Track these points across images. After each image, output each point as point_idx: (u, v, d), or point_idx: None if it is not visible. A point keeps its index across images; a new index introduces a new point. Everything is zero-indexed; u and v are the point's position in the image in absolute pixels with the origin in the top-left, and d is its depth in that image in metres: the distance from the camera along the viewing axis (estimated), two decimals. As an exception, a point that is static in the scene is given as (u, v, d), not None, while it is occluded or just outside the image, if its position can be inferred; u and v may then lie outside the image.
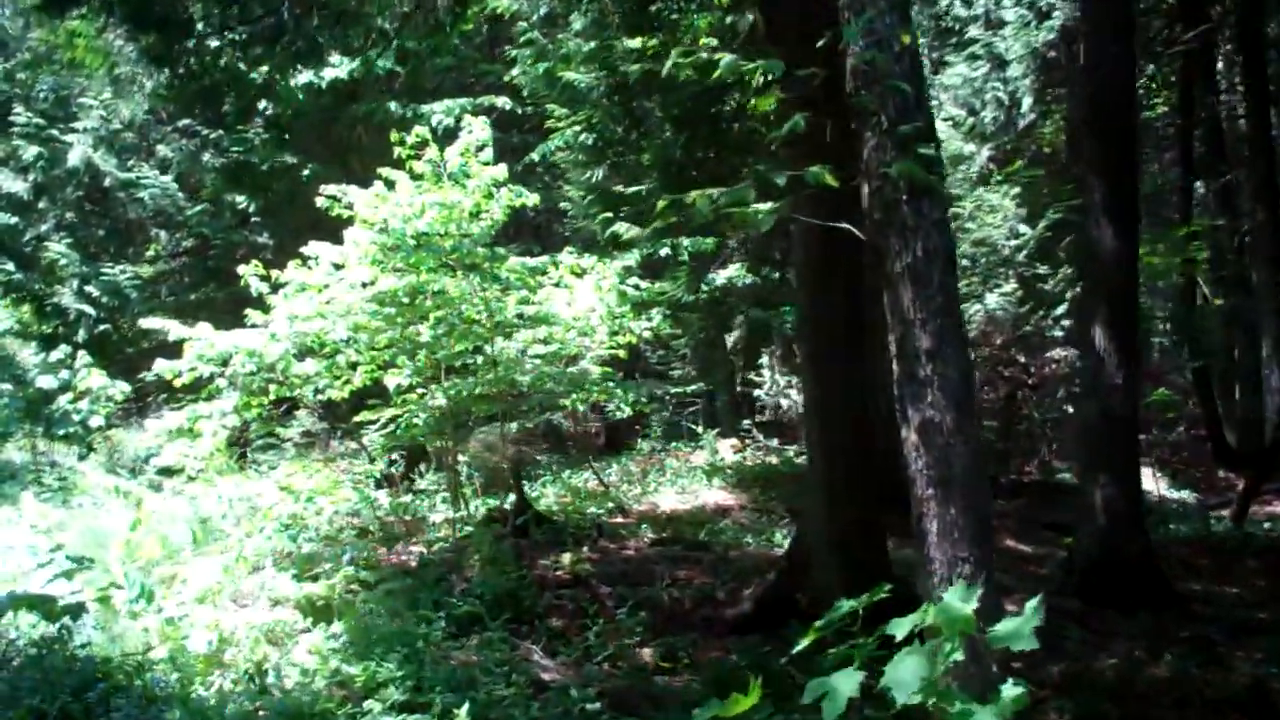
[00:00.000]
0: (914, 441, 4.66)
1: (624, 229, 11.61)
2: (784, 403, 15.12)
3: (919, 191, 4.51)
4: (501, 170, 10.92)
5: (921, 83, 4.60)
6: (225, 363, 11.04)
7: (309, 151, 14.81)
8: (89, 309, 15.70)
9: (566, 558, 9.45)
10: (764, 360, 15.21)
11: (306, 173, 14.63)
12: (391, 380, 10.55)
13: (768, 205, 4.71)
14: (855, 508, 8.40)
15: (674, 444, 14.54)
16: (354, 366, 11.57)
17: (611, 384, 10.89)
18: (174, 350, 11.05)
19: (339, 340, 11.17)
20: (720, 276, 13.78)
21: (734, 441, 14.81)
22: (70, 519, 11.18)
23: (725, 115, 10.60)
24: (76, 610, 6.30)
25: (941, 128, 14.44)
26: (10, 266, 15.79)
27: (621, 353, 11.80)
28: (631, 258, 11.47)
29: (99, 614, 6.97)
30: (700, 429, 14.60)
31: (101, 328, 15.83)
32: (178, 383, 11.06)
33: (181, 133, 16.42)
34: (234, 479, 10.56)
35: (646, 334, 12.14)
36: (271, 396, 11.31)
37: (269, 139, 14.06)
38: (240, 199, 15.29)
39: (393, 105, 14.69)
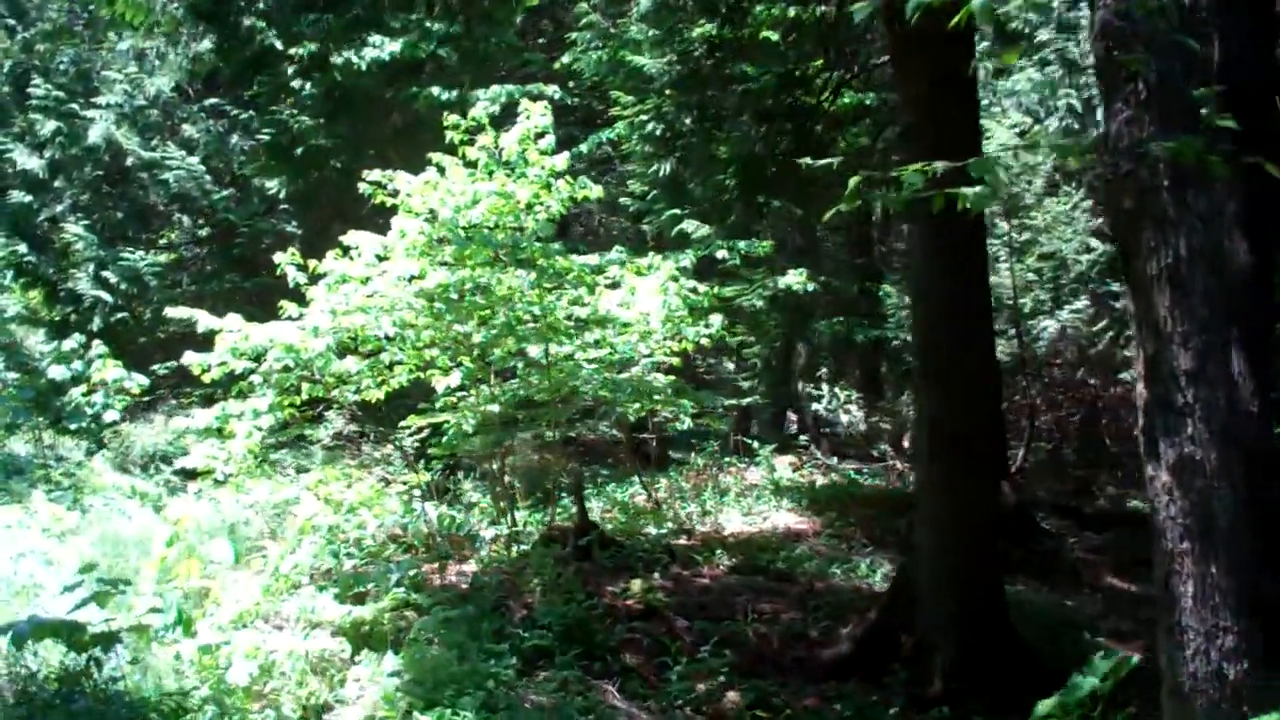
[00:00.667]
0: (1165, 483, 3.84)
1: (692, 226, 10.77)
2: (844, 418, 14.29)
3: (1185, 177, 3.66)
4: (562, 159, 10.10)
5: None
6: (259, 358, 10.23)
7: (344, 137, 13.97)
8: (106, 295, 14.88)
9: (637, 585, 8.64)
10: (822, 373, 14.41)
11: (342, 160, 13.78)
12: (441, 382, 9.70)
13: (976, 190, 3.86)
14: (972, 542, 7.60)
15: (726, 459, 13.68)
16: (391, 366, 10.75)
17: (678, 393, 10.03)
18: (193, 342, 10.22)
19: (382, 338, 10.34)
20: (781, 282, 12.90)
21: (791, 459, 13.97)
22: (85, 523, 10.37)
23: (806, 109, 9.77)
24: (108, 641, 5.48)
25: (1006, 136, 13.62)
26: (22, 248, 14.97)
27: (676, 360, 10.98)
28: (688, 257, 10.61)
29: (131, 642, 6.12)
30: (755, 444, 13.74)
31: (118, 316, 14.98)
32: (206, 378, 10.26)
33: (209, 112, 15.62)
34: (266, 485, 9.72)
35: (705, 340, 11.29)
36: (303, 396, 10.48)
37: (309, 120, 13.20)
38: (271, 184, 14.46)
39: (436, 90, 13.86)
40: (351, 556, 8.95)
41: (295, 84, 13.55)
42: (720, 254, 11.38)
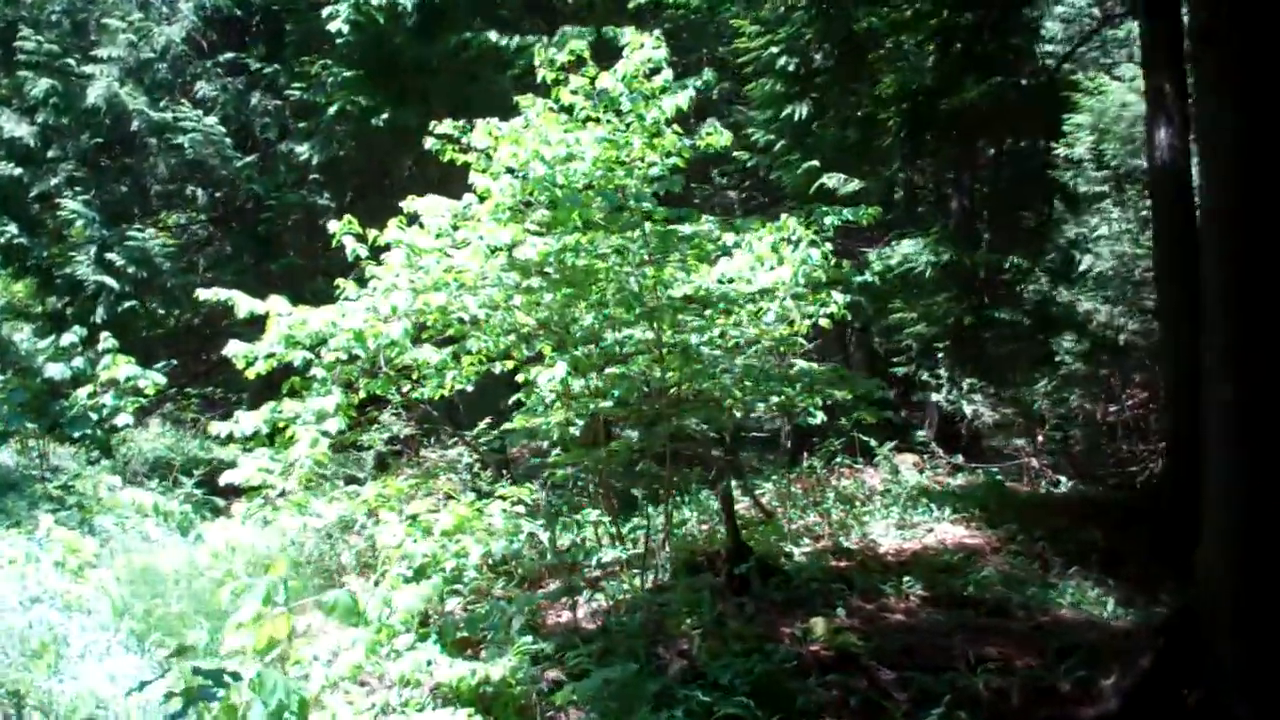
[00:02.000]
0: None
1: (837, 180, 9.02)
2: (967, 410, 12.55)
3: None
4: (685, 98, 8.31)
5: None
6: (317, 347, 8.49)
7: (386, 92, 12.19)
8: (110, 281, 13.05)
9: (820, 625, 6.95)
10: (940, 358, 12.67)
11: (385, 118, 11.99)
12: (544, 375, 7.93)
13: None
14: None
15: (838, 460, 11.95)
16: (457, 356, 9.07)
17: (845, 382, 8.30)
18: (207, 333, 8.37)
19: (467, 320, 8.61)
20: (895, 253, 11.11)
21: (914, 459, 12.25)
22: (105, 552, 8.55)
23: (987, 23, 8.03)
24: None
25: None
26: (12, 229, 13.14)
27: (803, 340, 9.27)
28: (831, 217, 8.85)
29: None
30: (874, 442, 12.01)
31: (126, 305, 13.15)
32: (251, 373, 8.51)
33: (227, 68, 13.78)
34: (329, 502, 7.97)
35: (824, 321, 9.51)
36: (361, 393, 8.77)
37: (345, 73, 11.40)
38: (300, 149, 12.67)
39: (493, 35, 12.07)
40: (455, 594, 7.19)
41: (330, 28, 11.72)
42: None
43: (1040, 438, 12.70)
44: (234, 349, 8.45)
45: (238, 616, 4.89)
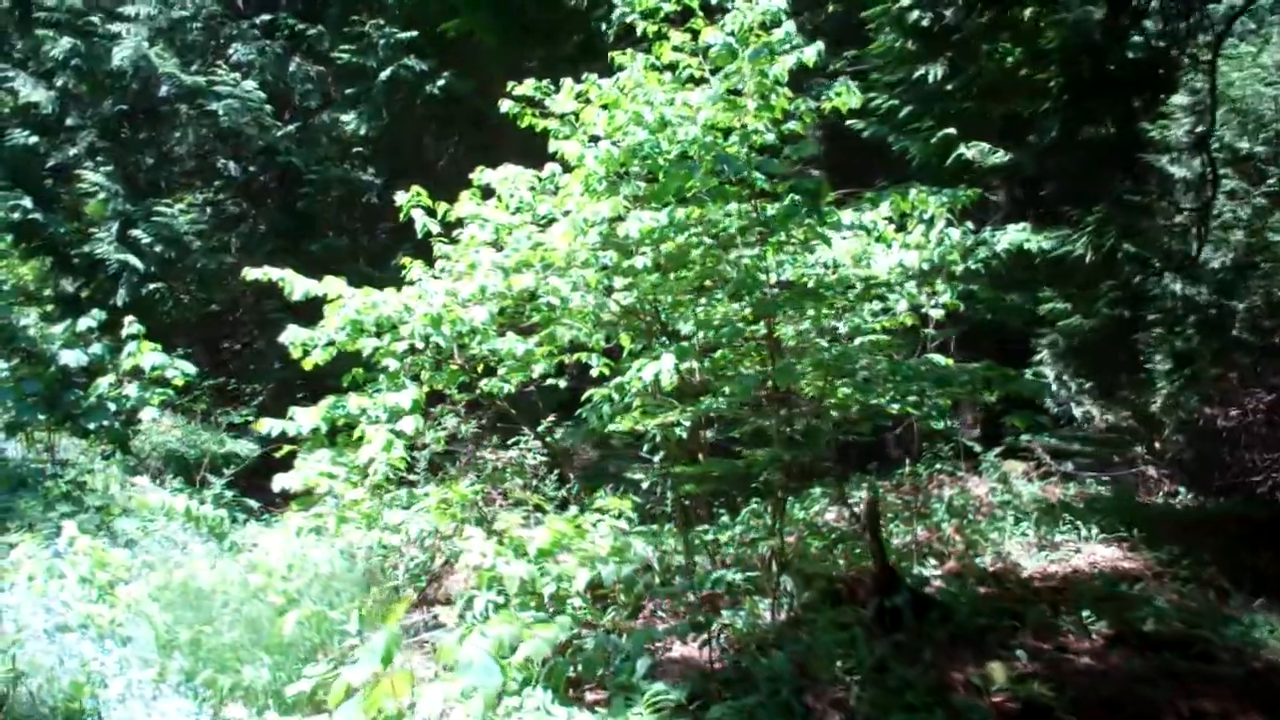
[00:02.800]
0: None
1: (978, 152, 7.91)
2: (1076, 412, 11.44)
3: None
4: (813, 52, 7.22)
5: None
6: (383, 333, 7.47)
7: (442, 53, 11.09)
8: (134, 260, 11.93)
9: (999, 671, 5.87)
10: (1042, 355, 11.57)
11: (440, 84, 10.89)
12: (649, 369, 6.83)
13: None
14: None
15: (936, 467, 10.84)
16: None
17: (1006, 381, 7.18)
18: (233, 319, 7.33)
19: (557, 306, 7.57)
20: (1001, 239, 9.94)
21: (1022, 466, 11.15)
22: (137, 566, 7.45)
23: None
24: None
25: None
26: (26, 203, 12.02)
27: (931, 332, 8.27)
28: (960, 197, 7.74)
29: None
30: (978, 447, 10.91)
31: (151, 287, 12.03)
32: (309, 362, 7.47)
33: (264, 29, 12.66)
34: (418, 517, 6.90)
35: (937, 312, 8.40)
36: (425, 387, 7.74)
37: (398, 35, 10.29)
38: (347, 118, 11.56)
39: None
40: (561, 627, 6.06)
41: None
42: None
43: (1158, 445, 11.61)
44: (292, 335, 7.42)
45: (349, 675, 3.77)
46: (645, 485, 9.51)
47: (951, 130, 8.15)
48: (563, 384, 8.23)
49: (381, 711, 3.92)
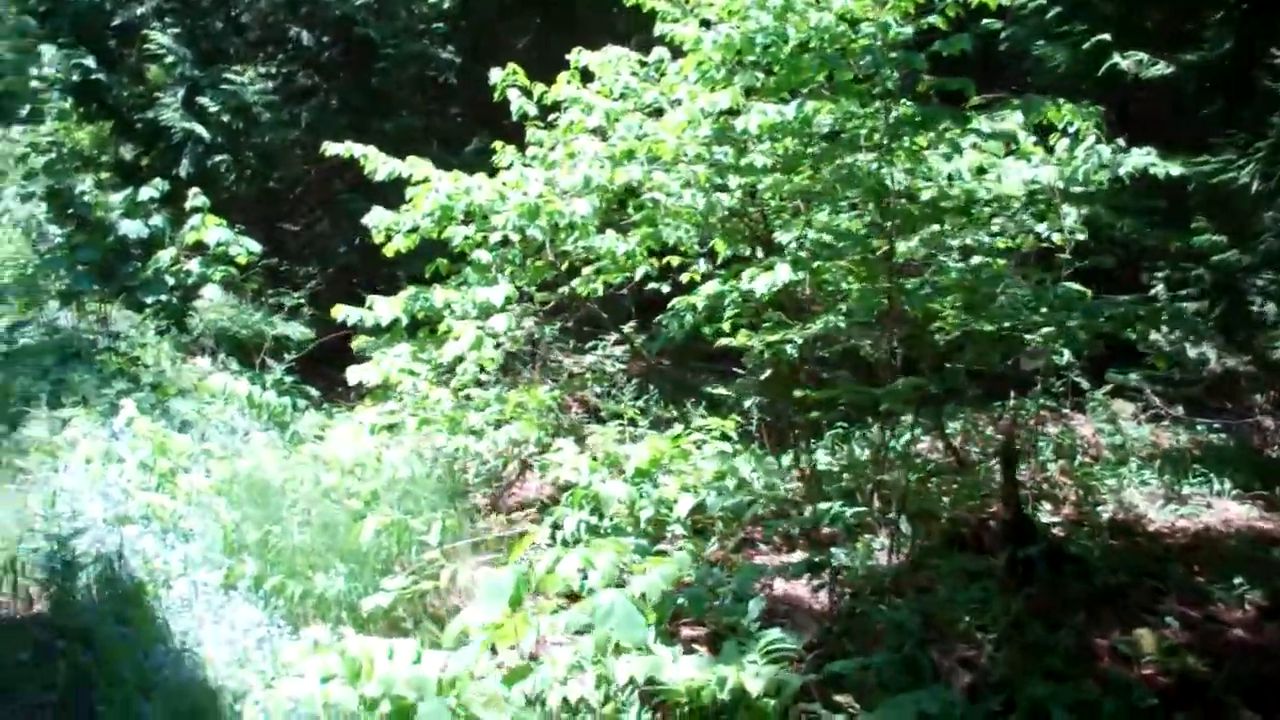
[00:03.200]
0: None
1: (1134, 62, 7.15)
2: (1191, 353, 10.68)
3: None
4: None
5: None
6: (472, 220, 6.91)
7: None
8: (200, 129, 11.37)
9: (1148, 640, 5.31)
10: (1157, 290, 10.80)
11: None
12: (762, 280, 6.24)
13: None
14: None
15: (1038, 404, 10.15)
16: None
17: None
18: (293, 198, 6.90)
19: (661, 203, 6.98)
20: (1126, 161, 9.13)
21: (1130, 406, 10.47)
22: (198, 452, 6.99)
23: None
24: None
25: None
26: (89, 62, 11.45)
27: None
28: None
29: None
30: (1085, 384, 10.24)
31: (217, 158, 11.49)
32: (390, 249, 6.93)
33: None
34: (506, 427, 6.39)
35: (1058, 236, 7.69)
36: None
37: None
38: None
39: None
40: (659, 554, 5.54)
41: None
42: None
43: (1274, 393, 10.90)
44: (376, 218, 6.88)
45: (469, 616, 3.27)
46: (734, 403, 8.92)
47: (1106, 36, 7.38)
48: (666, 288, 7.60)
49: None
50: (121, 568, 5.06)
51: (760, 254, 7.48)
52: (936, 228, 7.24)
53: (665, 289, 7.66)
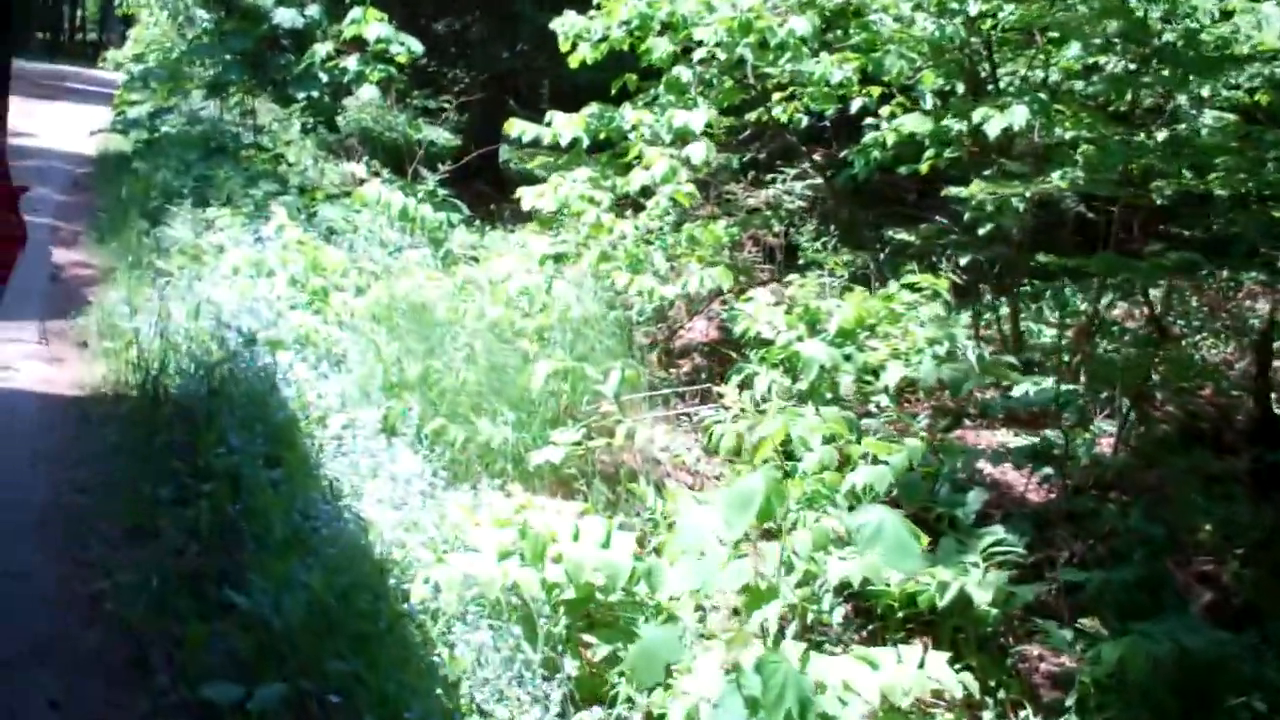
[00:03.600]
0: None
1: None
2: None
3: None
4: None
5: None
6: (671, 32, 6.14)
7: None
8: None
9: None
10: None
11: None
12: (996, 122, 5.40)
13: None
14: None
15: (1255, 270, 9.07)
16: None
17: None
18: None
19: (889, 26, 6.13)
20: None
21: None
22: (349, 266, 6.48)
23: None
24: None
25: None
26: None
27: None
28: None
29: None
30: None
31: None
32: (575, 59, 6.19)
33: None
34: (695, 270, 5.73)
35: None
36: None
37: None
38: None
39: None
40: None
41: None
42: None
43: None
44: (565, 23, 6.15)
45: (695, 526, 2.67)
46: (920, 251, 8.06)
47: None
48: (884, 121, 6.71)
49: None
50: (273, 396, 4.56)
51: (962, 91, 6.64)
52: (1195, 78, 6.25)
53: (885, 121, 6.78)
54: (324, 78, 10.40)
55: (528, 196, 6.31)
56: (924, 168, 6.86)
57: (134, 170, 10.14)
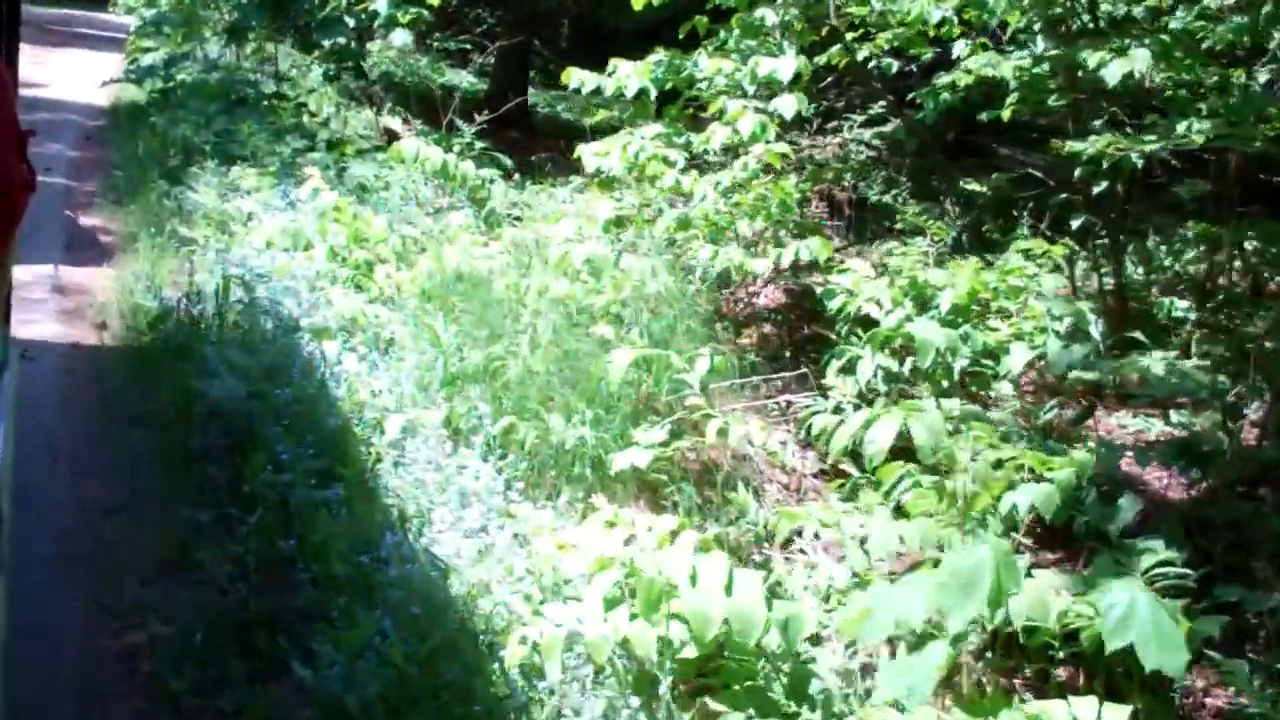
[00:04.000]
0: None
1: None
2: None
3: None
4: None
5: None
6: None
7: None
8: None
9: None
10: None
11: None
12: (1118, 66, 4.79)
13: None
14: None
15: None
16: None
17: None
18: None
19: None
20: None
21: None
22: (401, 240, 5.92)
23: None
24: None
25: None
26: None
27: None
28: None
29: None
30: None
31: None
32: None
33: None
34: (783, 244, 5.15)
35: None
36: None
37: None
38: None
39: None
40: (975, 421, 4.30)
41: None
42: None
43: None
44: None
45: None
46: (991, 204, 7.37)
47: None
48: (976, 70, 6.05)
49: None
50: (322, 396, 4.01)
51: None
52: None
53: (977, 71, 6.12)
54: (350, 22, 9.78)
55: (589, 155, 5.71)
56: (1006, 114, 6.24)
57: (150, 123, 9.52)
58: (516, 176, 8.89)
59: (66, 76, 13.16)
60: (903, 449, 3.86)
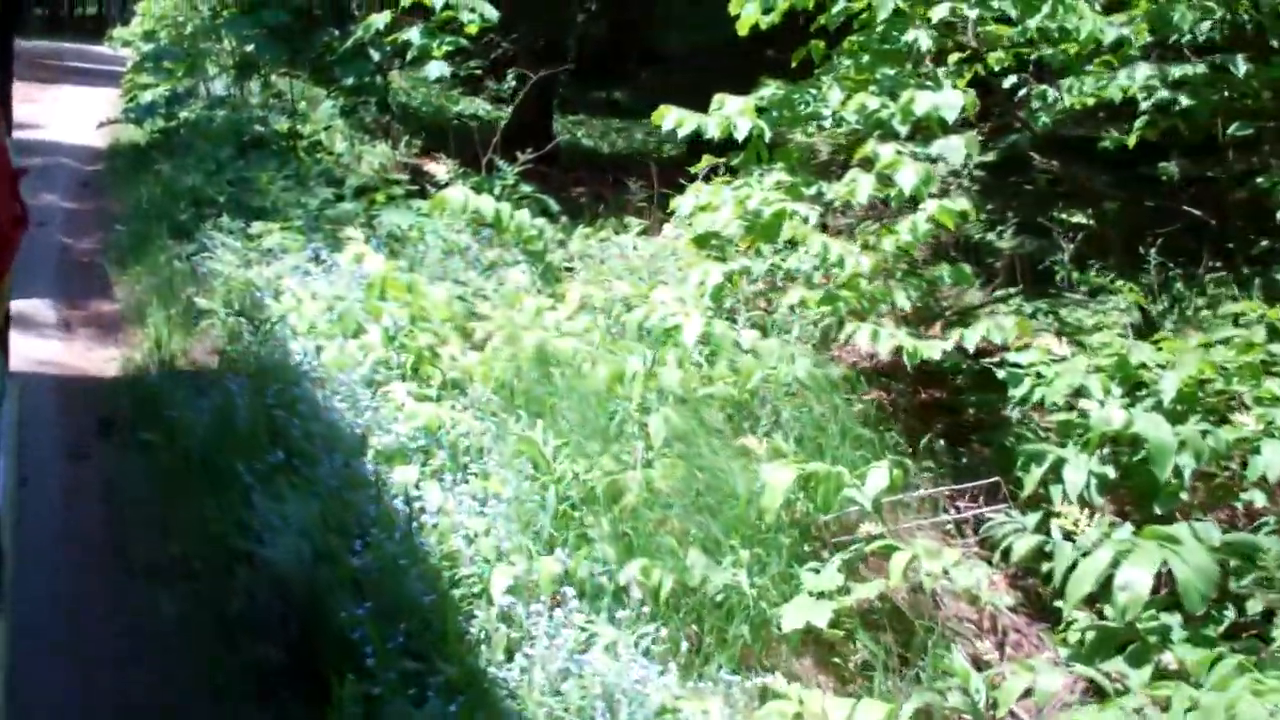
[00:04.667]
0: None
1: None
2: None
3: None
4: None
5: None
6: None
7: None
8: None
9: None
10: None
11: None
12: None
13: None
14: None
15: None
16: None
17: None
18: None
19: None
20: None
21: None
22: (463, 312, 4.96)
23: None
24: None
25: None
26: None
27: None
28: None
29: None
30: None
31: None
32: (746, 22, 4.66)
33: None
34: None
35: None
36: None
37: None
38: None
39: None
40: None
41: None
42: None
43: None
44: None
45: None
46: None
47: None
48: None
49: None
50: (406, 551, 3.04)
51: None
52: None
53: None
54: (375, 55, 8.85)
55: (686, 205, 4.76)
56: (1132, 140, 5.32)
57: (155, 169, 8.61)
58: (564, 219, 7.99)
59: (60, 116, 12.31)
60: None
